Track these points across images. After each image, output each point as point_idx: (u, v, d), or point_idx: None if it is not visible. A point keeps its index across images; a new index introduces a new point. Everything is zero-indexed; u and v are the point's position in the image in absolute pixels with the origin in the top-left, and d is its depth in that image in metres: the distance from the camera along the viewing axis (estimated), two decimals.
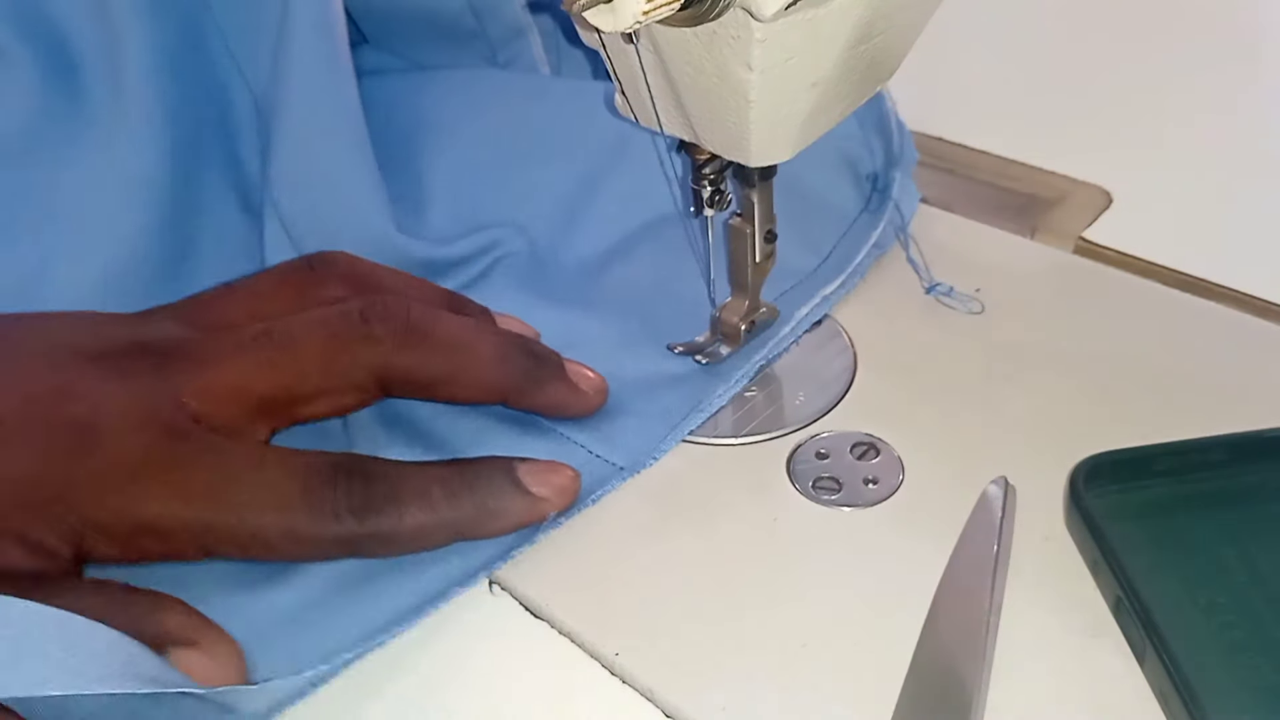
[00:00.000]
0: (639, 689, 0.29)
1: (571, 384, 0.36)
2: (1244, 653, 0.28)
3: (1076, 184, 0.47)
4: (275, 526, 0.30)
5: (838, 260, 0.42)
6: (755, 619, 0.30)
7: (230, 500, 0.30)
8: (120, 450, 0.30)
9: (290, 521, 0.30)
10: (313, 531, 0.30)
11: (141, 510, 0.29)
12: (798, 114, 0.31)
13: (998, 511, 0.31)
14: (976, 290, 0.41)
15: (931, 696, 0.28)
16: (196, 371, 0.32)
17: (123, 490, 0.29)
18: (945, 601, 0.30)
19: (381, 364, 0.33)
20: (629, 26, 0.26)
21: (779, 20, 0.27)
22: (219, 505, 0.30)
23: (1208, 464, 0.32)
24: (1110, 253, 0.43)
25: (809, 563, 0.32)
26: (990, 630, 0.29)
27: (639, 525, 0.33)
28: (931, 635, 0.29)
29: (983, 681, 0.28)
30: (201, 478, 0.30)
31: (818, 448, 0.35)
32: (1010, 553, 0.31)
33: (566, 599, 0.31)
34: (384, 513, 0.31)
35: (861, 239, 0.42)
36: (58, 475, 0.29)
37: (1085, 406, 0.36)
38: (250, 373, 0.32)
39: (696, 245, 0.43)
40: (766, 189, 0.36)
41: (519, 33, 0.51)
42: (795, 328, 0.39)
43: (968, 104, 0.51)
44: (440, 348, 0.34)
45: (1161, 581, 0.29)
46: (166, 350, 0.33)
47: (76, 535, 0.29)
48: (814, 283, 0.41)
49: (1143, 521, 0.31)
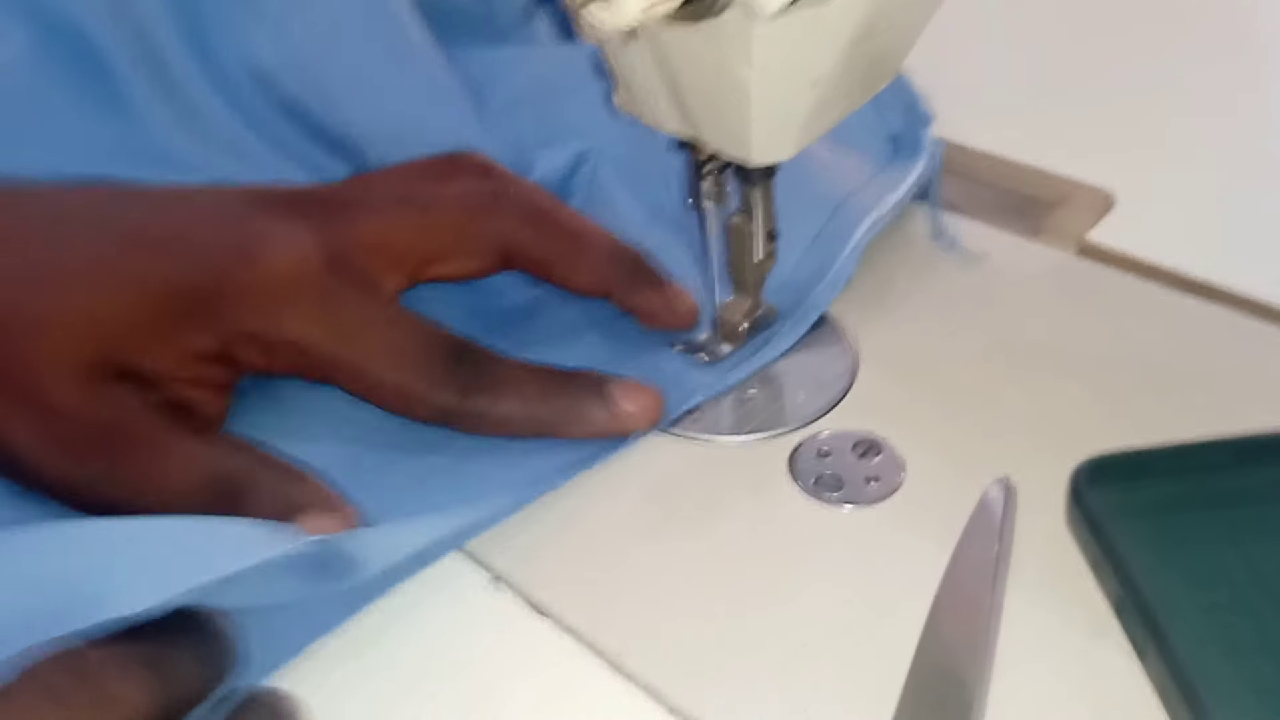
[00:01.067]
0: (641, 686, 0.29)
1: (669, 297, 0.38)
2: (1246, 652, 0.28)
3: (1079, 186, 0.47)
4: (392, 379, 0.34)
5: (867, 200, 0.43)
6: (757, 616, 0.30)
7: (362, 344, 0.34)
8: (278, 267, 0.33)
9: (406, 379, 0.34)
10: (421, 393, 0.34)
11: (287, 326, 0.33)
12: (799, 112, 0.31)
13: (998, 512, 0.31)
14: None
15: (933, 697, 0.28)
16: (352, 220, 0.36)
17: (274, 304, 0.33)
18: (946, 603, 0.30)
19: (509, 235, 0.37)
20: (629, 24, 0.26)
21: (780, 17, 0.27)
22: (351, 345, 0.33)
23: (1210, 465, 0.32)
24: (1113, 254, 0.43)
25: (810, 561, 0.32)
26: (991, 632, 0.29)
27: (641, 523, 0.33)
28: (933, 636, 0.29)
29: (984, 683, 0.28)
30: (342, 316, 0.33)
31: (819, 446, 0.35)
32: (1011, 554, 0.31)
33: (569, 596, 0.31)
34: (484, 394, 0.34)
35: (899, 179, 0.43)
36: (215, 283, 0.32)
37: (1087, 407, 0.36)
38: (395, 228, 0.36)
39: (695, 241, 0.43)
40: (768, 188, 0.36)
41: (528, 16, 0.52)
42: (844, 266, 0.40)
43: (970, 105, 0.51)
44: (561, 232, 0.38)
45: (1163, 581, 0.29)
46: (325, 199, 0.36)
47: (226, 339, 0.33)
48: (842, 223, 0.42)
49: (1145, 521, 0.31)
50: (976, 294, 0.41)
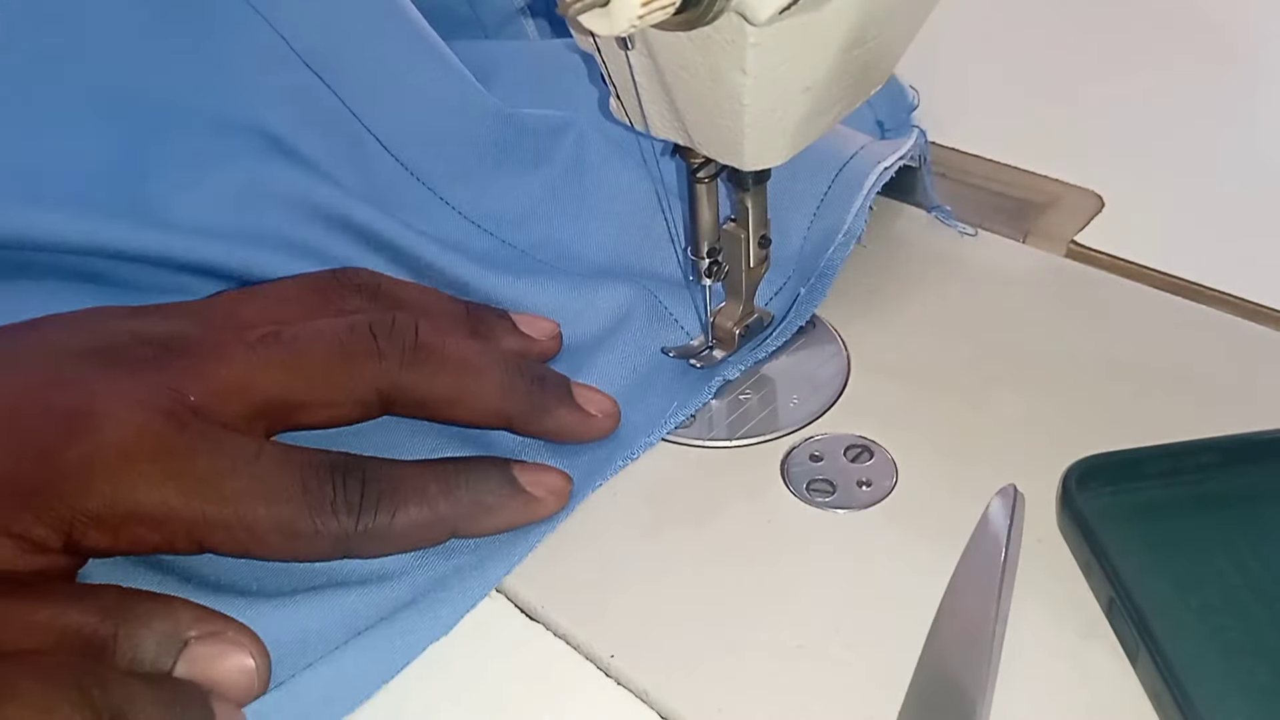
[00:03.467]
0: (635, 691, 0.29)
1: (579, 410, 0.35)
2: (1237, 654, 0.28)
3: (1068, 188, 0.47)
4: (270, 520, 0.30)
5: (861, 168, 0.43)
6: (750, 621, 0.30)
7: (226, 491, 0.29)
8: (114, 435, 0.29)
9: (286, 516, 0.30)
10: (308, 527, 0.30)
11: (134, 497, 0.29)
12: (791, 118, 0.32)
13: (1005, 520, 0.31)
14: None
15: (935, 706, 0.28)
16: (200, 366, 0.32)
17: (114, 476, 0.29)
18: (951, 610, 0.30)
19: (386, 381, 0.33)
20: (624, 30, 0.26)
21: (773, 24, 0.27)
22: (214, 496, 0.29)
23: (1200, 466, 0.32)
24: (1102, 256, 0.43)
25: (803, 565, 0.32)
26: (996, 640, 0.29)
27: (634, 528, 0.33)
28: (936, 644, 0.29)
29: (987, 691, 0.28)
30: (197, 466, 0.29)
31: (812, 450, 0.35)
32: (1018, 562, 0.31)
33: (562, 601, 0.31)
34: (380, 509, 0.31)
35: (893, 148, 0.43)
36: (47, 464, 0.29)
37: (1077, 409, 0.36)
38: (254, 373, 0.32)
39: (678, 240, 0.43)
40: (760, 193, 0.36)
41: (511, 17, 0.52)
42: (854, 224, 0.40)
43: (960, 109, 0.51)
44: (446, 369, 0.34)
45: (1154, 583, 0.29)
46: (171, 344, 0.32)
47: (66, 524, 0.28)
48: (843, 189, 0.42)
49: (1135, 523, 0.31)
50: (966, 297, 0.41)
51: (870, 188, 0.41)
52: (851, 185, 0.41)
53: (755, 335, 0.39)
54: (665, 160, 0.43)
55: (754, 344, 0.39)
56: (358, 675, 0.29)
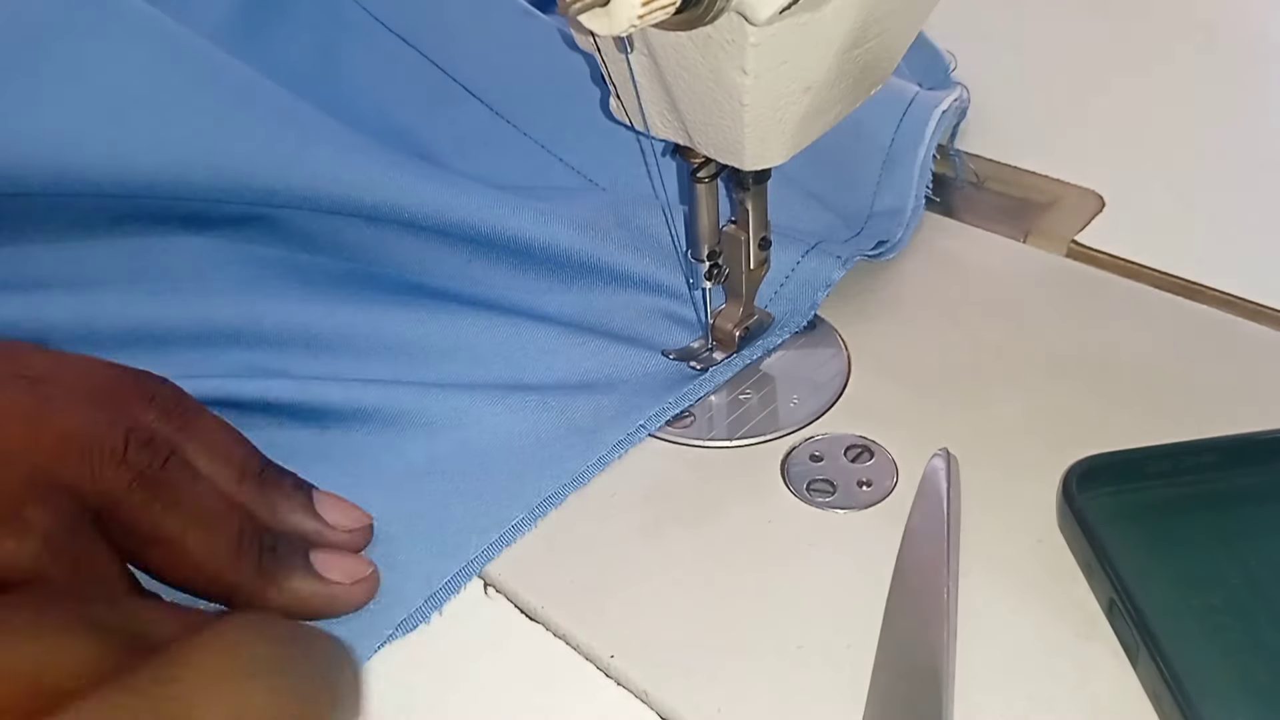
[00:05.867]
0: (634, 691, 0.29)
1: (317, 577, 0.31)
2: (1237, 654, 0.28)
3: (1069, 188, 0.47)
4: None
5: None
6: (750, 621, 0.30)
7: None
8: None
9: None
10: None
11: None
12: (792, 118, 0.32)
13: (943, 483, 0.32)
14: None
15: (900, 679, 0.28)
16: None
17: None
18: (902, 584, 0.30)
19: (108, 489, 0.29)
20: (624, 30, 0.26)
21: (773, 24, 0.27)
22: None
23: (1200, 466, 0.32)
24: (1103, 256, 0.43)
25: (804, 565, 0.32)
26: (951, 598, 0.29)
27: (634, 528, 0.33)
28: (892, 620, 0.29)
29: (948, 653, 0.28)
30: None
31: (812, 450, 0.35)
32: (961, 524, 0.31)
33: (562, 602, 0.31)
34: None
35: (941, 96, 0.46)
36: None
37: (1078, 409, 0.36)
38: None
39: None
40: (760, 194, 0.36)
41: None
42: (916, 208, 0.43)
43: None
44: (177, 510, 0.29)
45: (1154, 583, 0.29)
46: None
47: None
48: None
49: (1135, 523, 0.31)
50: (967, 297, 0.41)
51: (931, 135, 0.44)
52: (915, 133, 0.44)
53: (756, 337, 0.39)
54: (665, 160, 0.43)
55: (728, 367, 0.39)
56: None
